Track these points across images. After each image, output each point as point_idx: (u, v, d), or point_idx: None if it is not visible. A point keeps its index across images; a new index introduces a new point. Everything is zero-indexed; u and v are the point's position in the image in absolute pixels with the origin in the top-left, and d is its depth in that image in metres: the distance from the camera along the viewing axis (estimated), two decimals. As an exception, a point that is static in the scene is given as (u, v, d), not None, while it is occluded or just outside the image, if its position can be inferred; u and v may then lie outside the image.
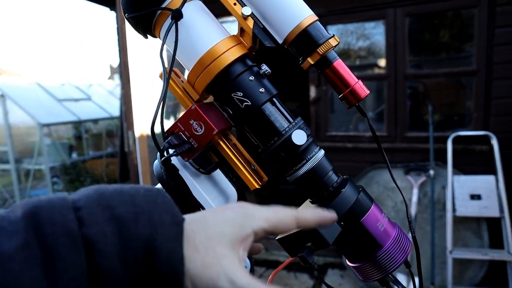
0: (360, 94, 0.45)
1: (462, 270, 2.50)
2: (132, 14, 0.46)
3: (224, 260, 0.26)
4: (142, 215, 0.25)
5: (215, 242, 0.27)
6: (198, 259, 0.26)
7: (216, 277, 0.26)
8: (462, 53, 2.98)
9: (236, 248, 0.28)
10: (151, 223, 0.25)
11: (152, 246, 0.24)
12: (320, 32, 0.45)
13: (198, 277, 0.26)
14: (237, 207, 0.30)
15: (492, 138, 2.46)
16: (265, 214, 0.30)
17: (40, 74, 31.08)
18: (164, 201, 0.27)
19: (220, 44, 0.44)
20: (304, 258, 0.41)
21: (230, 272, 0.26)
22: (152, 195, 0.26)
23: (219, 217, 0.29)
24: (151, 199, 0.26)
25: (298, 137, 0.43)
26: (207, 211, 0.30)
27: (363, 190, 0.47)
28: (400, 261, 0.46)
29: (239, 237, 0.28)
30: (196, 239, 0.26)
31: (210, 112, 0.42)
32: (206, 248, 0.26)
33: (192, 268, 0.26)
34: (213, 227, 0.28)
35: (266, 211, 0.31)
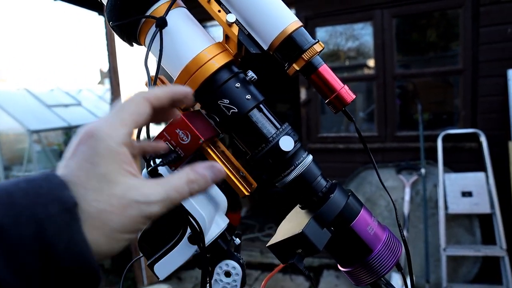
0: (346, 99, 0.45)
1: (456, 267, 2.53)
2: (117, 22, 0.46)
3: (129, 194, 0.26)
4: (22, 214, 0.22)
5: (107, 189, 0.25)
6: (111, 215, 0.25)
7: (139, 211, 0.26)
8: (449, 52, 3.03)
9: (126, 172, 0.27)
10: (35, 220, 0.22)
11: (44, 244, 0.22)
12: (305, 38, 0.45)
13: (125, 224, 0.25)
14: (86, 137, 0.26)
15: (480, 135, 2.50)
16: (117, 119, 0.28)
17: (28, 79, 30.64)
18: (50, 188, 0.24)
19: (205, 51, 0.44)
20: (294, 265, 0.41)
21: (144, 197, 0.26)
22: (35, 186, 0.23)
23: (84, 163, 0.26)
24: (33, 192, 0.23)
25: (285, 143, 0.43)
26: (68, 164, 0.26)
27: (352, 195, 0.47)
28: (391, 264, 0.46)
29: (117, 161, 0.26)
30: (92, 204, 0.25)
31: (196, 120, 0.41)
32: (107, 200, 0.25)
33: (114, 225, 0.25)
34: (92, 180, 0.25)
35: (116, 116, 0.28)
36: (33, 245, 0.22)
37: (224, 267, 0.49)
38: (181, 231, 0.47)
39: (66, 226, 0.23)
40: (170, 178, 0.29)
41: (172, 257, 0.47)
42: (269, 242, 0.46)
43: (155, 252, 0.48)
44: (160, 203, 0.27)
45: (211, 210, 0.49)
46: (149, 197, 0.26)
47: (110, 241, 0.25)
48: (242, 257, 0.52)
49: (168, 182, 0.28)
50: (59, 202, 0.23)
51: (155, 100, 0.30)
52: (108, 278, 3.16)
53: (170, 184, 0.28)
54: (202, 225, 0.45)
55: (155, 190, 0.27)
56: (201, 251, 0.44)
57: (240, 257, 0.51)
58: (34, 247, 0.22)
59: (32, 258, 0.22)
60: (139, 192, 0.26)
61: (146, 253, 0.48)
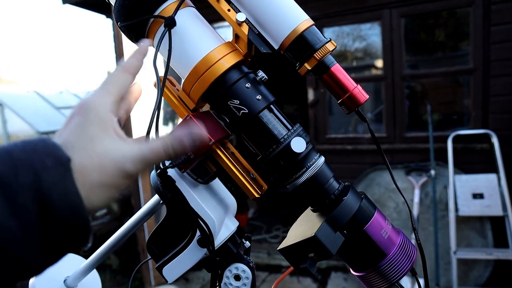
0: (359, 99, 0.44)
1: (466, 271, 2.48)
2: (125, 23, 0.45)
3: (109, 152, 0.28)
4: (21, 166, 0.24)
5: (91, 147, 0.28)
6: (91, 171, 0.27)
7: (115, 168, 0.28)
8: (458, 51, 2.98)
9: (110, 133, 0.30)
10: (33, 171, 0.24)
11: (41, 192, 0.24)
12: (317, 37, 0.44)
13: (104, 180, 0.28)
14: (78, 109, 0.30)
15: (492, 136, 2.45)
16: (103, 91, 0.32)
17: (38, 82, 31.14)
18: (45, 146, 0.26)
19: (215, 51, 0.43)
20: (306, 269, 0.40)
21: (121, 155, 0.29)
22: (31, 145, 0.26)
23: (76, 129, 0.29)
24: (30, 149, 0.26)
25: (297, 144, 0.42)
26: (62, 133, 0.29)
27: (365, 197, 0.46)
28: (406, 269, 0.45)
29: (103, 125, 0.30)
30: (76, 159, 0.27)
31: (206, 121, 0.41)
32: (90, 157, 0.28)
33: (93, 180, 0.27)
34: (80, 141, 0.28)
35: (102, 89, 0.32)
36: (31, 193, 0.24)
37: (234, 271, 0.48)
38: (190, 234, 0.46)
39: (60, 178, 0.25)
40: (150, 141, 0.31)
41: (181, 260, 0.46)
42: (280, 246, 0.45)
43: (164, 255, 0.47)
44: (135, 160, 0.29)
45: (221, 212, 0.48)
46: (125, 155, 0.29)
47: (91, 196, 0.27)
48: (252, 260, 0.51)
49: (146, 143, 0.30)
50: (54, 157, 0.26)
51: (133, 68, 0.34)
52: (116, 278, 3.18)
53: (147, 145, 0.30)
54: (212, 228, 0.44)
55: (132, 149, 0.30)
56: (210, 254, 0.43)
57: (250, 260, 0.50)
58: (32, 195, 0.24)
59: (30, 204, 0.24)
60: (117, 150, 0.29)
61: (155, 256, 0.48)
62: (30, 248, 0.24)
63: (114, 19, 0.46)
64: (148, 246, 0.48)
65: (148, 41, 0.37)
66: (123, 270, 3.23)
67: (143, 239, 2.86)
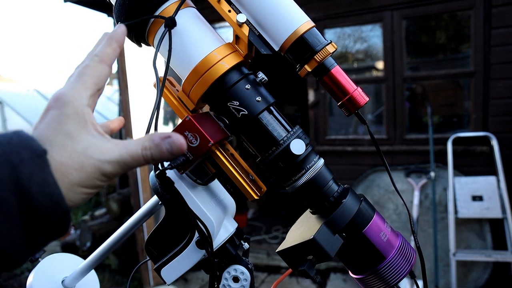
0: (359, 102, 0.44)
1: (466, 272, 2.48)
2: (125, 22, 0.45)
3: (88, 151, 0.28)
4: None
5: (70, 145, 0.28)
6: (71, 170, 0.27)
7: (94, 168, 0.28)
8: (459, 54, 2.98)
9: (89, 130, 0.29)
10: (9, 164, 0.24)
11: (19, 184, 0.24)
12: (317, 39, 0.44)
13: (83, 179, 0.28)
14: (54, 101, 0.30)
15: (492, 138, 2.45)
16: (79, 84, 0.31)
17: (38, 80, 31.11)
18: (20, 139, 0.26)
19: (215, 52, 0.43)
20: (305, 272, 0.39)
21: (100, 155, 0.28)
22: (6, 138, 0.26)
23: (52, 123, 0.28)
24: (5, 142, 0.25)
25: (296, 146, 0.42)
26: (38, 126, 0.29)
27: (364, 200, 0.45)
28: (405, 272, 0.45)
29: (81, 121, 0.29)
30: (55, 157, 0.27)
31: (205, 123, 0.41)
32: (69, 155, 0.27)
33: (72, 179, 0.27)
34: (58, 137, 0.28)
35: (77, 82, 0.31)
36: (10, 186, 0.24)
37: (233, 272, 0.48)
38: (189, 235, 0.46)
39: (37, 170, 0.25)
40: (128, 142, 0.30)
41: (179, 261, 0.46)
42: (279, 248, 0.45)
43: (162, 256, 0.47)
44: (114, 163, 0.29)
45: (220, 213, 0.48)
46: (104, 156, 0.29)
47: (69, 193, 0.27)
48: (250, 262, 0.50)
49: (125, 145, 0.30)
50: (30, 150, 0.26)
51: (109, 58, 0.33)
52: (115, 278, 3.17)
53: (126, 148, 0.30)
54: (210, 229, 0.44)
55: (112, 150, 0.29)
56: (209, 256, 0.43)
57: (248, 262, 0.50)
58: (10, 187, 0.24)
59: (10, 196, 0.24)
60: (97, 150, 0.29)
61: (153, 257, 0.48)
62: (12, 240, 0.24)
63: (114, 18, 0.46)
64: (147, 247, 0.48)
65: (123, 27, 0.35)
66: (122, 270, 3.22)
67: (142, 239, 2.86)
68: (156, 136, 0.30)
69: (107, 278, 3.14)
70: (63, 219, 0.27)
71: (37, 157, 0.26)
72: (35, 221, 0.25)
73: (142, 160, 0.30)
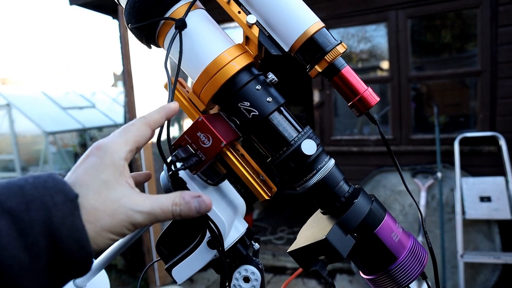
0: (369, 102, 0.44)
1: (474, 275, 2.45)
2: (136, 24, 0.45)
3: (122, 201, 0.30)
4: (33, 202, 0.26)
5: (105, 192, 0.29)
6: (103, 215, 0.29)
7: (126, 216, 0.29)
8: (465, 53, 2.96)
9: (123, 182, 0.31)
10: (44, 207, 0.26)
11: (51, 228, 0.25)
12: (327, 39, 0.44)
13: (113, 226, 0.29)
14: (95, 149, 0.32)
15: (500, 138, 2.43)
16: (122, 139, 0.33)
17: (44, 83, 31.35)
18: (54, 183, 0.27)
19: (226, 53, 0.43)
20: (317, 272, 0.39)
21: (133, 205, 0.30)
22: (41, 181, 0.27)
23: (91, 169, 0.30)
24: (40, 185, 0.27)
25: (307, 147, 0.42)
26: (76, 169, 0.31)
27: (375, 200, 0.45)
28: (417, 273, 0.45)
29: (118, 173, 0.31)
30: (90, 201, 0.29)
31: (217, 123, 0.41)
32: (103, 201, 0.29)
33: (104, 224, 0.29)
34: (95, 184, 0.30)
35: (121, 136, 0.33)
36: (42, 228, 0.25)
37: (243, 272, 0.48)
38: (200, 235, 0.46)
39: (69, 214, 0.27)
40: (160, 197, 0.32)
41: (190, 261, 0.46)
42: (290, 248, 0.45)
43: (173, 256, 0.47)
44: (145, 214, 0.30)
45: (230, 214, 0.48)
46: (137, 207, 0.30)
47: (97, 237, 0.29)
48: (261, 262, 0.51)
49: (156, 199, 0.32)
50: (63, 193, 0.27)
51: (154, 124, 0.36)
52: (121, 278, 3.19)
53: (158, 201, 0.31)
54: (222, 230, 0.44)
55: (144, 202, 0.31)
56: (220, 256, 0.43)
57: (259, 262, 0.50)
58: (42, 229, 0.25)
59: (40, 239, 0.25)
60: (130, 201, 0.30)
61: (164, 257, 0.48)
62: (38, 281, 0.25)
63: (124, 20, 0.46)
64: (158, 247, 0.48)
65: (176, 104, 0.38)
66: (128, 270, 3.24)
67: (148, 240, 2.87)
68: (186, 195, 0.32)
69: (113, 278, 3.15)
70: (86, 263, 0.28)
71: (70, 202, 0.27)
72: (61, 263, 0.26)
73: (171, 215, 0.32)
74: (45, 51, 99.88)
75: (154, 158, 2.90)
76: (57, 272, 0.26)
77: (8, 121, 5.23)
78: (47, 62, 72.51)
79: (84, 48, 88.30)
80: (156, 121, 0.36)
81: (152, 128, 0.35)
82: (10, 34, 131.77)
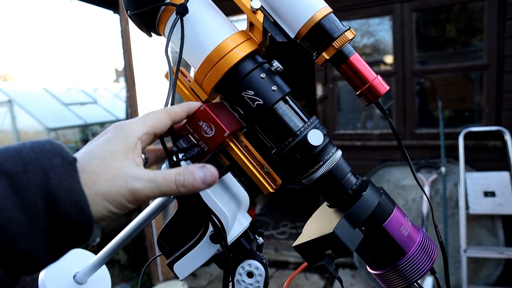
0: (379, 91, 0.42)
1: (477, 269, 2.44)
2: (135, 11, 0.44)
3: (124, 169, 0.29)
4: (30, 164, 0.26)
5: (109, 160, 0.29)
6: (101, 179, 0.28)
7: (124, 183, 0.28)
8: (470, 47, 2.91)
9: (130, 157, 0.30)
10: (41, 169, 0.26)
11: (48, 189, 0.25)
12: (335, 25, 0.42)
13: (109, 191, 0.28)
14: (113, 127, 0.32)
15: (505, 133, 2.40)
16: (140, 121, 0.33)
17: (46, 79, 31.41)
18: (52, 146, 0.27)
19: (229, 40, 0.41)
20: (324, 267, 0.38)
21: (134, 173, 0.29)
22: (40, 145, 0.27)
23: (103, 142, 0.30)
24: (38, 149, 0.27)
25: (314, 137, 0.40)
26: (91, 143, 0.31)
27: (384, 193, 0.44)
28: (426, 268, 0.43)
29: (128, 148, 0.30)
30: (92, 166, 0.28)
31: (220, 112, 0.39)
32: (105, 167, 0.29)
33: (100, 189, 0.28)
34: (102, 152, 0.30)
35: (140, 119, 0.33)
36: (39, 190, 0.25)
37: (247, 267, 0.47)
38: (202, 230, 0.44)
39: (67, 176, 0.26)
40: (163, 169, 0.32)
41: (192, 256, 0.45)
42: (296, 242, 0.43)
43: (175, 251, 0.46)
44: (146, 181, 0.29)
45: (234, 207, 0.46)
46: (137, 174, 0.29)
47: (92, 203, 0.27)
48: (265, 257, 0.49)
49: (160, 171, 0.31)
50: (61, 156, 0.27)
51: (174, 115, 0.35)
52: (124, 273, 3.20)
53: (161, 171, 0.31)
54: (225, 223, 0.43)
55: (145, 171, 0.30)
56: (223, 250, 0.42)
57: (263, 257, 0.49)
58: (40, 191, 0.25)
59: (38, 200, 0.25)
60: (132, 170, 0.30)
61: (166, 252, 0.46)
62: (37, 244, 0.25)
63: (124, 12, 0.44)
64: (159, 242, 0.47)
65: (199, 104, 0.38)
66: (131, 265, 3.25)
67: (151, 235, 2.87)
68: (191, 165, 0.32)
69: (116, 273, 3.17)
70: (86, 227, 0.27)
71: (68, 164, 0.27)
72: (59, 226, 0.26)
73: (174, 184, 0.30)
74: (46, 47, 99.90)
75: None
76: (56, 235, 0.26)
77: (10, 117, 5.23)
78: (48, 58, 72.55)
79: (85, 43, 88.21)
80: (177, 113, 0.36)
81: (172, 118, 0.35)
82: (10, 30, 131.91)
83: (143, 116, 0.34)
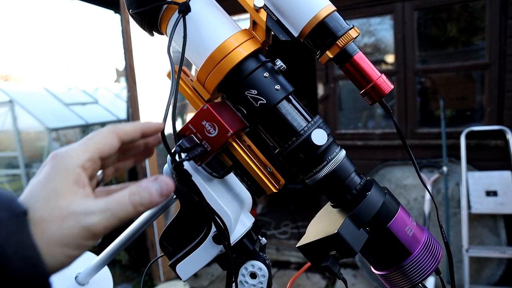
0: (383, 90, 0.42)
1: (479, 269, 2.43)
2: (137, 9, 0.43)
3: (71, 206, 0.27)
4: None
5: (53, 200, 0.27)
6: (51, 225, 0.26)
7: (76, 222, 0.26)
8: (471, 46, 2.90)
9: (76, 191, 0.28)
10: None
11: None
12: (339, 23, 0.41)
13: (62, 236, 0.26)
14: (51, 158, 0.30)
15: (507, 132, 2.39)
16: (81, 146, 0.30)
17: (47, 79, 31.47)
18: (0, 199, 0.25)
19: (232, 38, 0.41)
20: (328, 268, 0.38)
21: (84, 209, 0.27)
22: None
23: (42, 179, 0.28)
24: None
25: (318, 136, 0.40)
26: (32, 181, 0.29)
27: (388, 193, 0.43)
28: (431, 269, 0.43)
29: (70, 181, 0.28)
30: (37, 212, 0.26)
31: (223, 112, 0.39)
32: (51, 210, 0.26)
33: (51, 236, 0.26)
34: (44, 192, 0.27)
35: (81, 144, 0.31)
36: None
37: (250, 268, 0.46)
38: (205, 230, 0.44)
39: (14, 232, 0.24)
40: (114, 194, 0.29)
41: (195, 257, 0.44)
42: (300, 242, 0.43)
43: (177, 252, 0.45)
44: (99, 213, 0.27)
45: (236, 207, 0.46)
46: (88, 208, 0.27)
47: (47, 254, 0.25)
48: (268, 258, 0.49)
49: (113, 195, 0.29)
50: (8, 210, 0.25)
51: (124, 134, 0.33)
52: (125, 274, 3.20)
53: (113, 197, 0.28)
54: (228, 224, 0.42)
55: (96, 202, 0.28)
56: (226, 251, 0.42)
57: (266, 258, 0.48)
58: None
59: None
60: (81, 205, 0.27)
61: (168, 253, 0.46)
62: None
63: (125, 13, 0.44)
64: (161, 243, 0.47)
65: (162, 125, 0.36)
66: (132, 265, 3.25)
67: (152, 235, 2.87)
68: (143, 181, 0.29)
69: (118, 273, 3.16)
70: (41, 283, 0.25)
71: (15, 218, 0.25)
72: (11, 286, 0.24)
73: (130, 207, 0.28)
74: (47, 47, 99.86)
75: (157, 153, 2.89)
76: None
77: (11, 118, 5.23)
78: (49, 58, 72.54)
79: (86, 43, 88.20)
80: (127, 132, 0.33)
81: (121, 138, 0.33)
82: (11, 30, 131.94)
83: (85, 139, 0.32)
